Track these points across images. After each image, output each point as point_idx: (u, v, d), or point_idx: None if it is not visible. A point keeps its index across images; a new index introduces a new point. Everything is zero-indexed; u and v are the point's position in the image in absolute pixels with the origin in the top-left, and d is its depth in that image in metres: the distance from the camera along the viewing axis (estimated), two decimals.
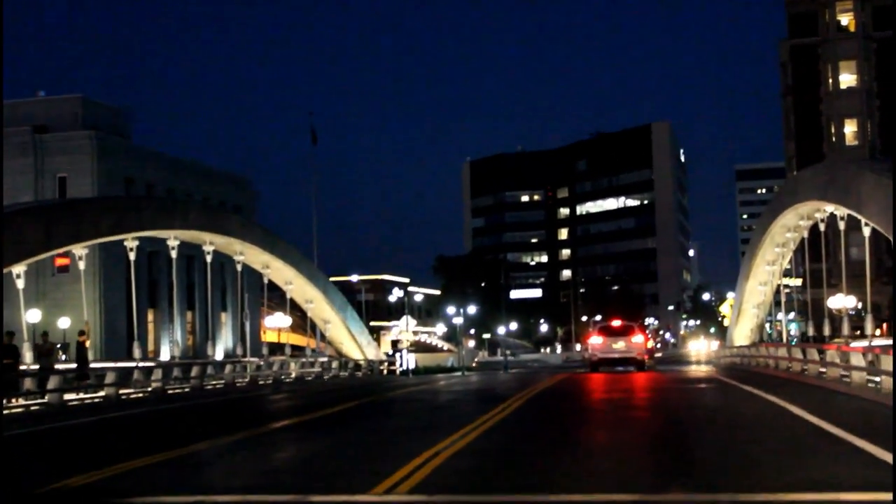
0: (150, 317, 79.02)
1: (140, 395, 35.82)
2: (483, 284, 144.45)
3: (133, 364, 38.87)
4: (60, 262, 67.61)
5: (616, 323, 54.87)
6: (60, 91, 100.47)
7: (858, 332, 49.32)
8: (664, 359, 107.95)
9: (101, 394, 33.73)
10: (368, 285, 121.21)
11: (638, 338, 50.68)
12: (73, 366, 37.37)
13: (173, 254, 44.37)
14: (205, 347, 56.28)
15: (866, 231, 36.59)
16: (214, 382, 42.30)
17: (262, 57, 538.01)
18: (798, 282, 69.85)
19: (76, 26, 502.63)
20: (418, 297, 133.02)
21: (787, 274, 58.82)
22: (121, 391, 34.27)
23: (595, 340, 52.04)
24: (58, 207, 41.43)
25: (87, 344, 38.16)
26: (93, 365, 38.89)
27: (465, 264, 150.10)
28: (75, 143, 74.87)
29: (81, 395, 33.90)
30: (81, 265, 38.87)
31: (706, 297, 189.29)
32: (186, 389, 39.19)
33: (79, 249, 38.14)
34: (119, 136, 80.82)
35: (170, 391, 37.71)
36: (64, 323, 67.18)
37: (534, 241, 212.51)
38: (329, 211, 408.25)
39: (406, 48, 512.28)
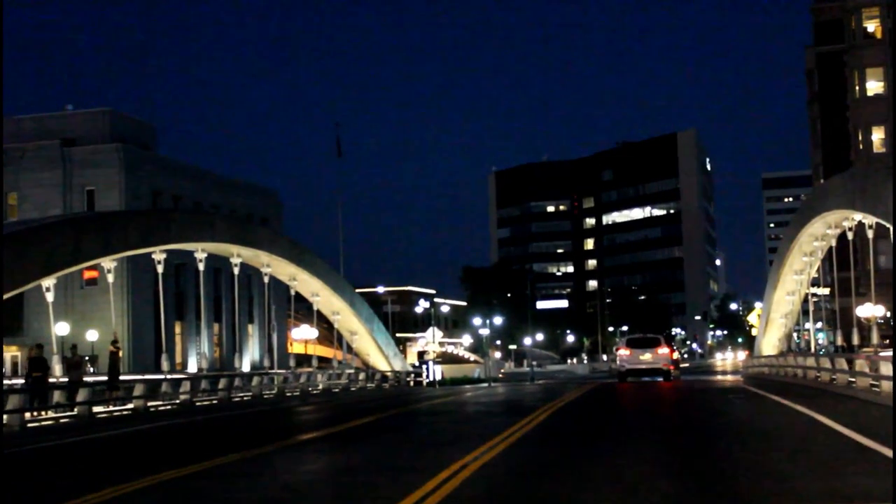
0: (178, 329, 79.32)
1: (168, 407, 35.95)
2: (509, 295, 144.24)
3: (161, 376, 39.04)
4: (89, 274, 68.04)
5: (643, 336, 58.30)
6: (88, 105, 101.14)
7: (888, 341, 48.93)
8: (691, 369, 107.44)
9: (130, 406, 33.89)
10: (395, 297, 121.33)
11: (664, 350, 52.90)
12: (103, 378, 37.55)
13: (201, 266, 44.55)
14: (232, 359, 56.46)
15: None
16: (242, 394, 42.42)
17: (288, 69, 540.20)
18: (826, 291, 69.42)
19: (103, 41, 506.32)
20: (444, 309, 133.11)
21: (814, 283, 58.47)
22: (149, 403, 34.42)
23: (623, 352, 54.58)
24: (87, 220, 41.67)
25: (120, 354, 38.39)
26: (122, 377, 39.06)
27: (492, 275, 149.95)
28: (103, 156, 75.32)
29: (110, 408, 34.08)
30: (110, 278, 39.10)
31: (733, 306, 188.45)
32: (214, 401, 39.32)
33: (108, 262, 38.35)
34: (146, 149, 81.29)
35: (198, 403, 37.82)
36: (92, 335, 67.52)
37: (560, 251, 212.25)
38: (355, 222, 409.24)
39: (432, 60, 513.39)
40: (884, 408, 25.60)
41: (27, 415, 28.37)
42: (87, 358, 58.20)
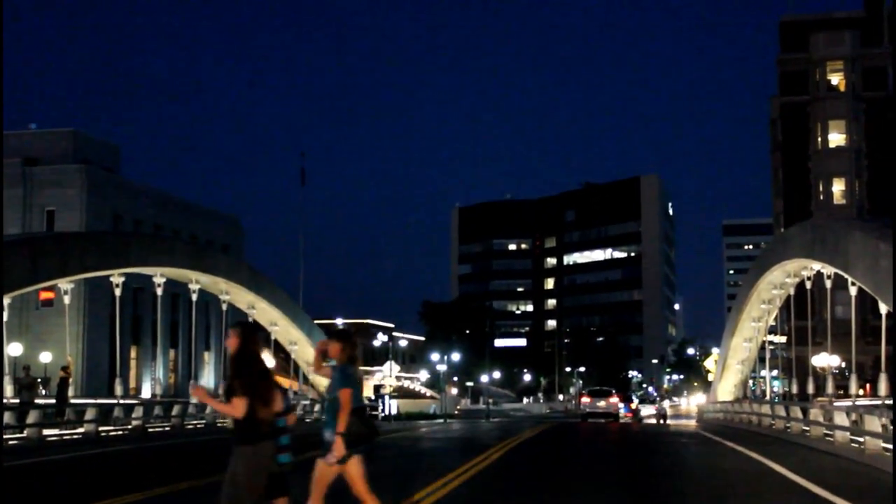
0: (133, 354, 78.52)
1: (120, 432, 35.52)
2: (468, 332, 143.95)
3: (114, 401, 38.60)
4: (45, 295, 67.24)
5: (600, 388, 79.46)
6: (52, 125, 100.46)
7: (842, 392, 49.27)
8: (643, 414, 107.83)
9: (81, 430, 33.44)
10: (353, 329, 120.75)
11: (614, 399, 71.65)
12: (53, 401, 37.08)
13: (159, 291, 44.21)
14: (187, 386, 55.92)
15: (853, 290, 36.65)
16: (195, 422, 42.03)
17: (253, 98, 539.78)
18: (783, 339, 69.87)
19: (69, 61, 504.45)
20: (403, 343, 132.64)
21: (772, 331, 58.80)
22: (101, 428, 33.98)
23: (585, 399, 74.97)
24: (45, 240, 41.26)
25: (70, 381, 37.89)
26: (73, 401, 38.57)
27: (451, 311, 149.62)
28: (65, 176, 74.71)
29: (60, 431, 33.61)
30: (66, 299, 38.63)
31: (690, 351, 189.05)
32: (167, 428, 38.92)
33: (64, 284, 37.93)
34: (109, 171, 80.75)
35: (150, 429, 37.41)
36: (45, 357, 66.68)
37: (520, 289, 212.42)
38: (316, 253, 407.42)
39: (397, 93, 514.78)
40: (836, 457, 25.77)
41: None
42: (39, 380, 57.43)
